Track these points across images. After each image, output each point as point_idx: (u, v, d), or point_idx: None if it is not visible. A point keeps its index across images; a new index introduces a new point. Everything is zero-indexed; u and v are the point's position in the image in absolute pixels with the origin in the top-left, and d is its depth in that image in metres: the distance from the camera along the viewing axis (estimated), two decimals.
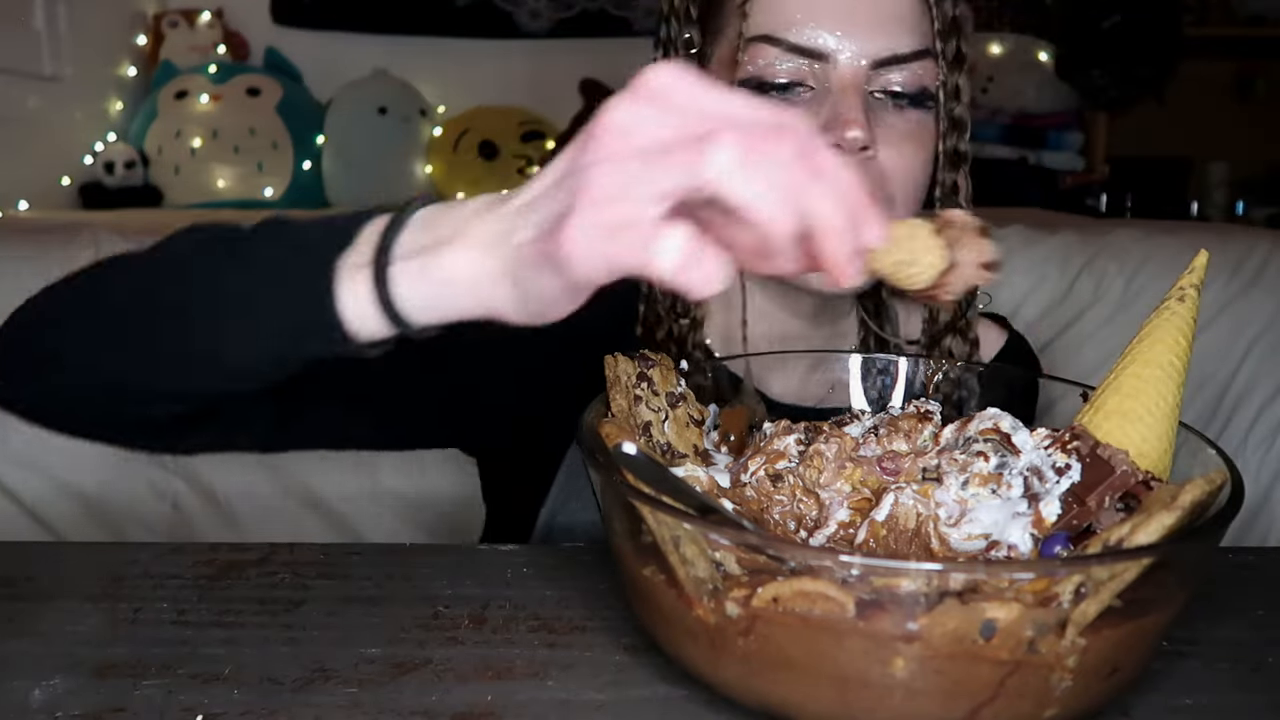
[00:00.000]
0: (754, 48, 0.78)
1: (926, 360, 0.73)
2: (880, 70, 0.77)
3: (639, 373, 0.63)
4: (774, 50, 0.77)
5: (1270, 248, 1.41)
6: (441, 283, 0.50)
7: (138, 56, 3.03)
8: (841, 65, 0.77)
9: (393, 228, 0.52)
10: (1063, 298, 1.41)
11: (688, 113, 0.42)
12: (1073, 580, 0.43)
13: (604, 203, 0.42)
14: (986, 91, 2.94)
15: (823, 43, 0.77)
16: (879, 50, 0.77)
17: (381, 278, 0.51)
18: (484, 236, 0.49)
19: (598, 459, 0.52)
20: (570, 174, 0.44)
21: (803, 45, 0.77)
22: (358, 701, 0.51)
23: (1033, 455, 0.55)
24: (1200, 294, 0.57)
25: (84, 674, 0.53)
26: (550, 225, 0.44)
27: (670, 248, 0.41)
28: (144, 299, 0.62)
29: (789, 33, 0.77)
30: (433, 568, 0.66)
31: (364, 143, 2.84)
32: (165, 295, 0.61)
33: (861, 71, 0.77)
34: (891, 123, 0.79)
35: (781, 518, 0.58)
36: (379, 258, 0.51)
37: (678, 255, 0.41)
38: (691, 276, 0.41)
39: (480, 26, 3.17)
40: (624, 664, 0.54)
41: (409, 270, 0.51)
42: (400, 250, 0.51)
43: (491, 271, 0.48)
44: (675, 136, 0.42)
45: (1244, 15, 3.40)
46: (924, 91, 0.79)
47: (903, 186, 0.79)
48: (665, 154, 0.41)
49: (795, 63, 0.77)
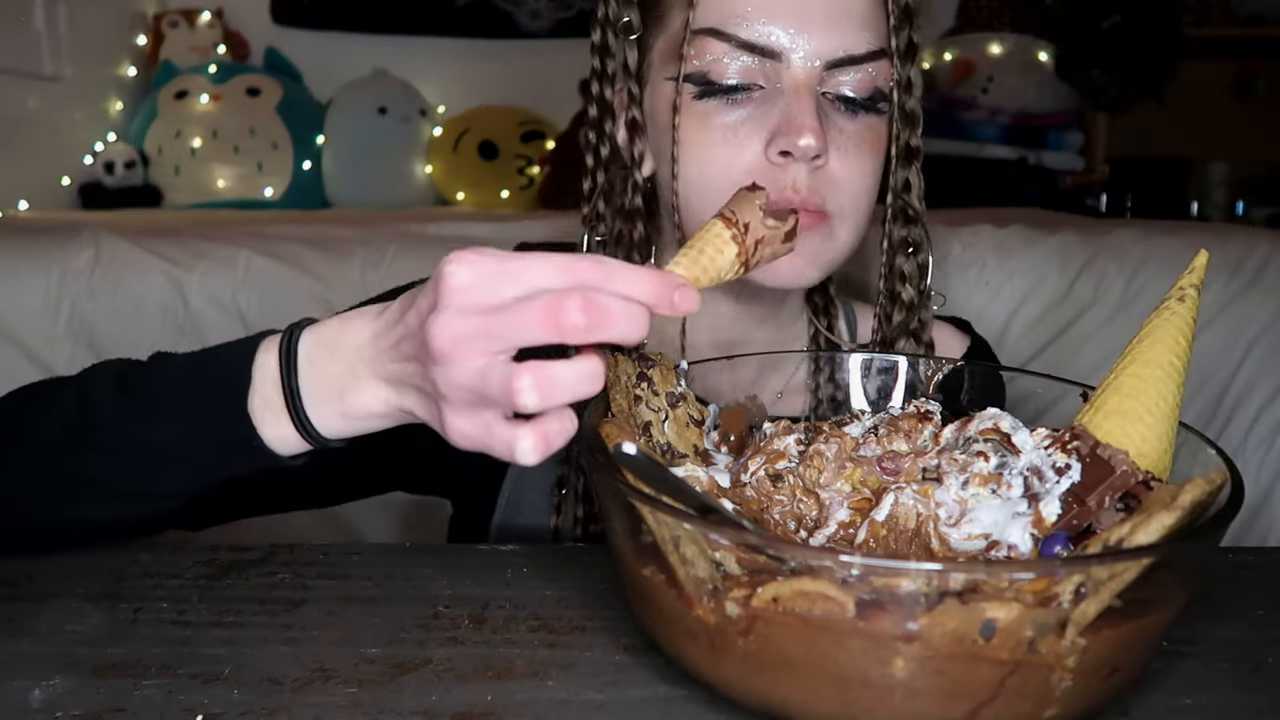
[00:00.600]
0: (700, 41, 0.74)
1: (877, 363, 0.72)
2: (834, 71, 0.74)
3: (639, 373, 0.63)
4: (722, 46, 0.74)
5: (1270, 248, 1.41)
6: (358, 417, 0.59)
7: (138, 56, 3.03)
8: (794, 65, 0.73)
9: (287, 370, 0.59)
10: (1063, 298, 1.41)
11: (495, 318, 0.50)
12: (1073, 580, 0.43)
13: (463, 412, 0.52)
14: (986, 91, 2.94)
15: (775, 40, 0.73)
16: (833, 50, 0.73)
17: (302, 421, 0.59)
18: (374, 382, 0.58)
19: (598, 459, 0.52)
20: (424, 369, 0.53)
21: (753, 42, 0.73)
22: (358, 701, 0.51)
23: (1033, 455, 0.55)
24: (1200, 294, 0.57)
25: (84, 674, 0.53)
26: (430, 410, 0.54)
27: (525, 447, 0.51)
28: (62, 446, 0.64)
29: (739, 28, 0.73)
30: (433, 568, 0.66)
31: (364, 143, 2.84)
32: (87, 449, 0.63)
33: (815, 72, 0.73)
34: (843, 127, 0.76)
35: (781, 518, 0.58)
36: (291, 405, 0.59)
37: (533, 452, 0.51)
38: (550, 449, 0.51)
39: (480, 26, 3.17)
40: (624, 664, 0.54)
41: (326, 414, 0.59)
42: (308, 396, 0.59)
43: (392, 408, 0.58)
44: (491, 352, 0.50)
45: (1244, 15, 3.40)
46: (877, 94, 0.76)
47: (851, 194, 0.76)
48: (487, 381, 0.50)
49: (745, 60, 0.74)
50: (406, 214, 2.45)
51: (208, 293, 1.39)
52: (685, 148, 0.76)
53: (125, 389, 0.64)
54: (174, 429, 0.61)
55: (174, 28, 3.02)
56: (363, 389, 0.58)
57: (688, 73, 0.75)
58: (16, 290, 1.37)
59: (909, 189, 0.82)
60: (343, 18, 3.16)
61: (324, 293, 1.39)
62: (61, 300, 1.37)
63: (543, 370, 0.49)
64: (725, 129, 0.75)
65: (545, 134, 2.92)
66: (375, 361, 0.57)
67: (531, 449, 0.50)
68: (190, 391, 0.62)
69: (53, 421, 0.64)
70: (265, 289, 1.39)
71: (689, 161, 0.76)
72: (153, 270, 1.39)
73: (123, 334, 1.37)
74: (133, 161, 2.72)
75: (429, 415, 0.55)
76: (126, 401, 0.63)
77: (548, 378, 0.49)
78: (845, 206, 0.76)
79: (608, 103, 0.83)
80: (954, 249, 1.41)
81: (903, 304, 0.85)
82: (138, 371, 0.65)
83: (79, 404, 0.64)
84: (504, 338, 0.49)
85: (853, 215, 0.77)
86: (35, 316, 1.36)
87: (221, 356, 0.62)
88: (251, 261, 1.40)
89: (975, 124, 2.93)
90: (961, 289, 1.40)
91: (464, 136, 2.88)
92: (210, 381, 0.61)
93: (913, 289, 0.85)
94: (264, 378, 0.60)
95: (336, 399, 0.59)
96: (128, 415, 0.62)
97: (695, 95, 0.75)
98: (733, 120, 0.75)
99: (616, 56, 0.81)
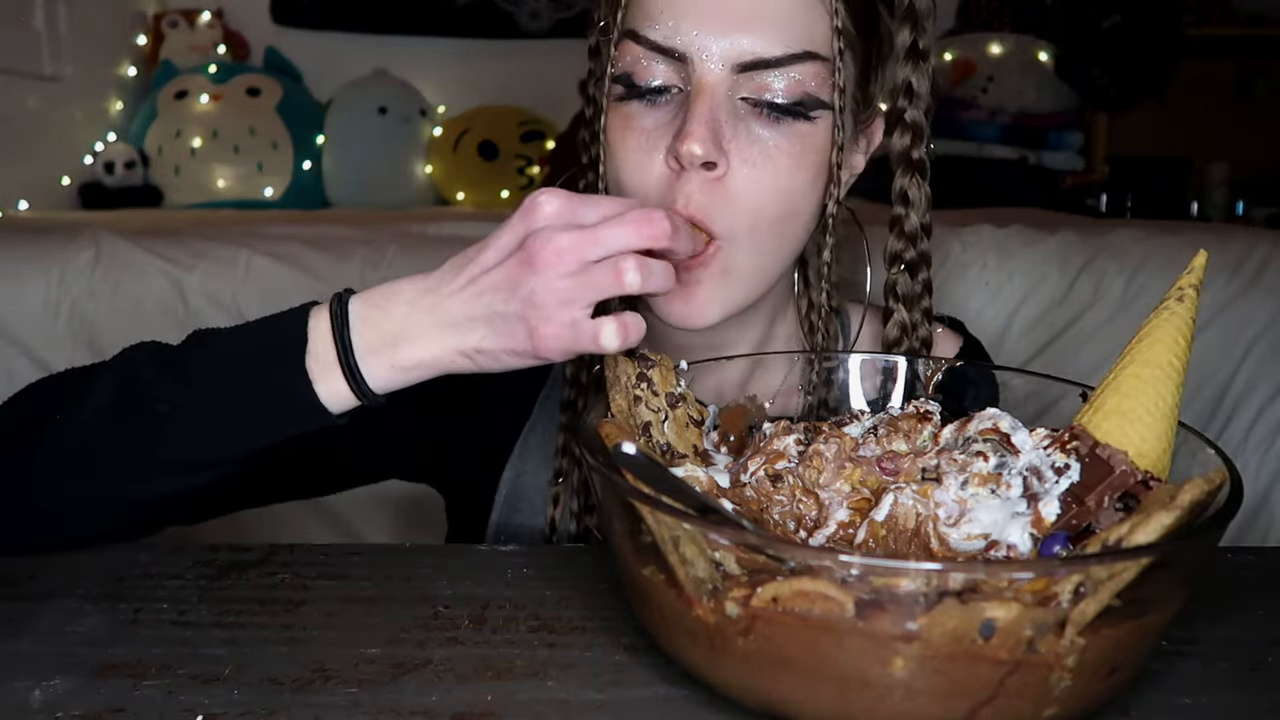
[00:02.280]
0: (624, 44, 0.73)
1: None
2: (750, 74, 0.70)
3: (639, 373, 0.63)
4: (638, 48, 0.72)
5: (1270, 248, 1.41)
6: (407, 369, 0.64)
7: (138, 56, 3.03)
8: (699, 68, 0.70)
9: (339, 326, 0.64)
10: (1063, 298, 1.40)
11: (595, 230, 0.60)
12: (1072, 580, 0.43)
13: (554, 314, 0.60)
14: (986, 91, 2.94)
15: (680, 42, 0.70)
16: (742, 53, 0.69)
17: (354, 374, 0.64)
18: (432, 330, 0.63)
19: (598, 459, 0.52)
20: (514, 290, 0.60)
21: (662, 44, 0.71)
22: (358, 701, 0.51)
23: (1032, 455, 0.55)
24: (1199, 294, 0.57)
25: (84, 674, 0.53)
26: (510, 330, 0.61)
27: (609, 332, 0.60)
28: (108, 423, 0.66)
29: (650, 29, 0.71)
30: (433, 568, 0.66)
31: (364, 143, 2.84)
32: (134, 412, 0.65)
33: (723, 76, 0.69)
34: (758, 135, 0.70)
35: (781, 518, 0.58)
36: (344, 358, 0.63)
37: (615, 337, 0.60)
38: (628, 339, 0.60)
39: (480, 26, 3.17)
40: (624, 664, 0.54)
41: (376, 365, 0.64)
42: (360, 349, 0.64)
43: (450, 353, 0.63)
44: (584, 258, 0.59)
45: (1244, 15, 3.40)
46: (807, 100, 0.70)
47: (756, 205, 0.71)
48: (589, 280, 0.59)
49: (659, 63, 0.71)
50: (406, 214, 2.45)
51: (208, 293, 1.39)
52: (610, 150, 0.75)
53: (169, 362, 0.66)
54: (227, 394, 0.65)
55: (174, 28, 3.02)
56: (415, 339, 0.63)
57: (616, 74, 0.74)
58: (16, 290, 1.37)
59: (906, 201, 0.79)
60: (343, 18, 3.16)
61: (324, 293, 1.37)
62: (61, 300, 1.37)
63: (639, 258, 0.59)
64: (642, 133, 0.73)
65: (545, 134, 2.92)
66: (435, 309, 0.63)
67: (614, 333, 0.59)
68: (243, 356, 0.65)
69: (94, 401, 0.66)
70: (265, 289, 1.39)
71: (613, 164, 0.75)
72: (153, 270, 1.39)
73: (123, 334, 1.37)
74: (133, 161, 2.72)
75: (503, 339, 0.61)
76: (172, 373, 0.65)
77: (644, 263, 0.60)
78: (738, 228, 0.71)
79: (599, 104, 0.83)
80: (954, 249, 1.41)
81: (895, 324, 0.81)
82: (177, 348, 0.68)
83: (121, 382, 0.66)
84: (604, 244, 0.59)
85: (749, 236, 0.71)
86: (35, 316, 1.36)
87: (273, 323, 0.66)
88: (251, 261, 1.40)
89: (975, 124, 2.93)
90: (961, 289, 1.40)
91: (464, 136, 2.89)
92: (264, 345, 0.65)
93: (906, 311, 0.81)
94: (317, 337, 0.64)
95: (388, 350, 0.64)
96: (176, 385, 0.65)
97: (619, 97, 0.74)
98: (649, 124, 0.72)
99: (596, 57, 0.81)
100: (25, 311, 1.36)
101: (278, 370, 0.64)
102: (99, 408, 0.65)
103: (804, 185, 0.73)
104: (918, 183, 0.79)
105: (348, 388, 0.64)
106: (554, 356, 0.61)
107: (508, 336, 0.61)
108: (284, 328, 0.65)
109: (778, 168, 0.71)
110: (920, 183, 0.79)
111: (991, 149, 2.91)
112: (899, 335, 0.81)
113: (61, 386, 0.70)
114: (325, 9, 3.16)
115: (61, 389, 0.69)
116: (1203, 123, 3.37)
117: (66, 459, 0.66)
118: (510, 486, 0.88)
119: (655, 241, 0.59)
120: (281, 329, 0.65)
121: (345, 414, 0.66)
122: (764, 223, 0.72)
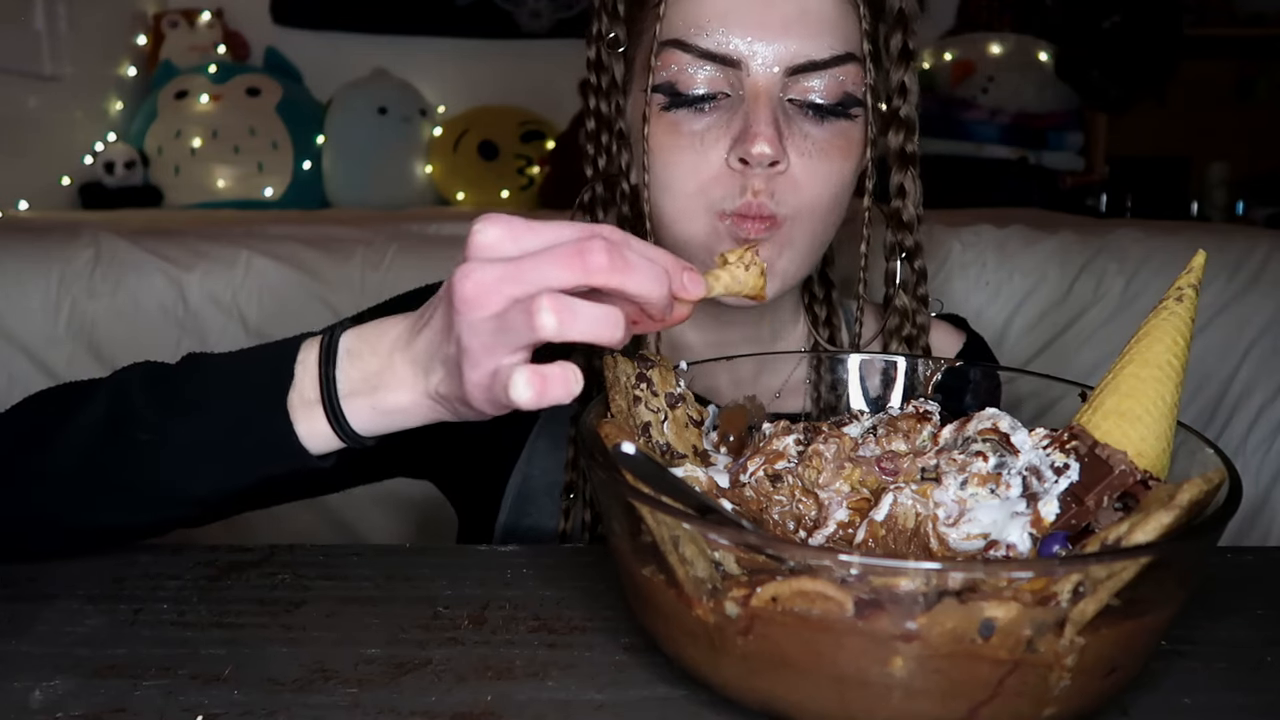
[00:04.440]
0: (666, 53, 0.75)
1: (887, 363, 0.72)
2: (797, 77, 0.74)
3: (638, 373, 0.63)
4: (685, 56, 0.74)
5: (1270, 248, 1.41)
6: (387, 413, 0.61)
7: (138, 56, 3.03)
8: (754, 72, 0.73)
9: (326, 362, 0.61)
10: (1063, 298, 1.40)
11: (520, 262, 0.52)
12: (1071, 579, 0.43)
13: (480, 360, 0.53)
14: (986, 91, 2.94)
15: (734, 48, 0.73)
16: (794, 56, 0.73)
17: (336, 414, 0.61)
18: (409, 376, 0.59)
19: (597, 459, 0.52)
20: (448, 331, 0.55)
21: (713, 51, 0.73)
22: (358, 701, 0.51)
23: (1031, 455, 0.55)
24: (1198, 294, 0.57)
25: (84, 674, 0.53)
26: (452, 374, 0.56)
27: (520, 383, 0.51)
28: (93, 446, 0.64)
29: (700, 38, 0.74)
30: (433, 568, 0.66)
31: (364, 143, 2.84)
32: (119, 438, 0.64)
33: (776, 79, 0.73)
34: (809, 133, 0.75)
35: (781, 518, 0.58)
36: (326, 397, 0.60)
37: (527, 388, 0.51)
38: (546, 395, 0.51)
39: (480, 26, 3.17)
40: (624, 664, 0.54)
41: (359, 407, 0.61)
42: (344, 389, 0.61)
43: (422, 399, 0.60)
44: (514, 297, 0.51)
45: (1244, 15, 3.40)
46: (846, 99, 0.75)
47: (814, 200, 0.76)
48: (506, 322, 0.51)
49: (708, 70, 0.74)
50: (406, 214, 2.45)
51: (208, 293, 1.39)
52: (654, 155, 0.77)
53: (159, 388, 0.65)
54: (209, 425, 0.62)
55: (174, 28, 3.02)
56: (395, 380, 0.60)
57: (657, 84, 0.76)
58: (16, 290, 1.37)
59: (903, 194, 0.82)
60: (343, 18, 3.17)
61: (324, 293, 1.39)
62: (61, 300, 1.37)
63: (561, 299, 0.50)
64: (692, 136, 0.75)
65: (545, 134, 2.92)
66: (408, 347, 0.59)
67: (525, 384, 0.51)
68: (229, 387, 0.63)
69: (83, 422, 0.65)
70: (265, 289, 1.39)
71: (657, 167, 0.77)
72: (153, 270, 1.38)
73: (123, 334, 1.37)
74: (133, 161, 2.72)
75: (451, 386, 0.56)
76: (161, 399, 0.64)
77: (566, 305, 0.50)
78: (800, 208, 0.75)
79: (604, 115, 0.83)
80: (954, 249, 1.41)
81: (896, 310, 0.84)
82: (170, 372, 0.66)
83: (111, 404, 0.65)
84: (528, 280, 0.51)
85: (808, 218, 0.76)
86: (35, 316, 1.36)
87: (263, 354, 0.64)
88: (251, 261, 1.40)
89: (975, 124, 2.93)
90: (961, 289, 1.40)
91: (464, 136, 2.89)
92: (250, 377, 0.63)
93: (906, 295, 0.84)
94: (304, 373, 0.61)
95: (370, 392, 0.60)
96: (162, 413, 0.63)
97: (664, 106, 0.76)
98: (699, 128, 0.75)
99: (607, 70, 0.82)
100: (25, 311, 1.36)
101: (256, 405, 0.62)
102: (90, 429, 0.64)
103: (850, 177, 0.78)
104: (912, 176, 0.82)
105: (330, 430, 0.61)
106: (483, 409, 0.56)
107: (454, 382, 0.56)
108: (272, 360, 0.62)
109: (831, 161, 0.76)
110: (914, 175, 0.82)
111: (991, 149, 2.91)
112: (899, 322, 0.84)
113: (60, 401, 0.69)
114: (325, 9, 3.16)
115: (60, 403, 0.68)
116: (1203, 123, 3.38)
117: (60, 478, 0.65)
118: (517, 491, 0.88)
119: (587, 277, 0.50)
120: (269, 362, 0.63)
121: (330, 455, 0.63)
122: (821, 207, 0.77)
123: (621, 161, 0.83)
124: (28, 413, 0.70)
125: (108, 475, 0.64)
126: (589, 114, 0.84)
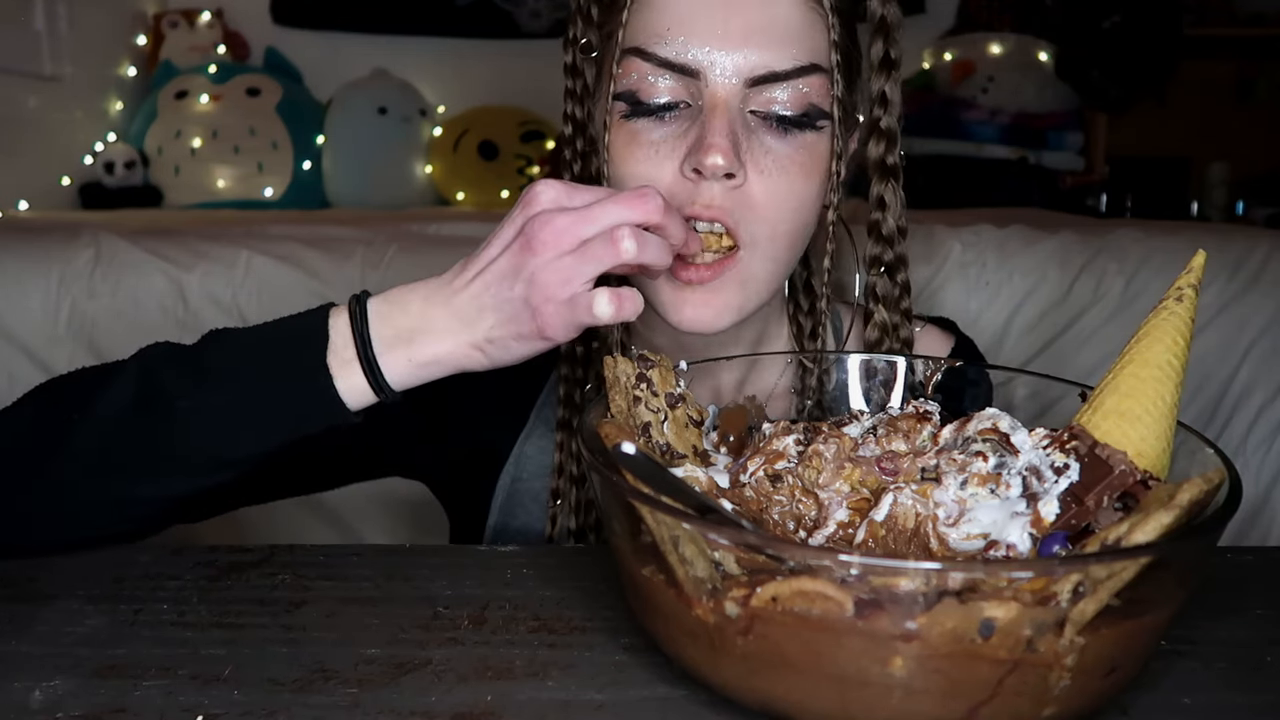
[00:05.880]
0: (627, 61, 0.74)
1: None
2: (759, 88, 0.71)
3: (638, 374, 0.63)
4: (645, 65, 0.73)
5: (1270, 248, 1.41)
6: (424, 364, 0.67)
7: (138, 56, 3.03)
8: (713, 83, 0.71)
9: (361, 320, 0.66)
10: (1063, 298, 1.40)
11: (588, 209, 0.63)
12: (1071, 579, 0.43)
13: (556, 291, 0.63)
14: (986, 91, 2.94)
15: (692, 58, 0.71)
16: (754, 67, 0.71)
17: (373, 368, 0.66)
18: (448, 324, 0.66)
19: (597, 459, 0.52)
20: (517, 275, 0.64)
21: (672, 60, 0.72)
22: (358, 701, 0.51)
23: (1031, 455, 0.55)
24: (1198, 294, 0.57)
25: (84, 674, 0.53)
26: (516, 313, 0.64)
27: (603, 301, 0.63)
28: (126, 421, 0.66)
29: (659, 46, 0.72)
30: (433, 568, 0.66)
31: (364, 143, 2.84)
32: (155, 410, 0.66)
33: (736, 90, 0.71)
34: (770, 147, 0.72)
35: (781, 518, 0.58)
36: (363, 353, 0.66)
37: (609, 305, 0.63)
38: (623, 310, 0.64)
39: (480, 26, 3.17)
40: (624, 664, 0.54)
41: (395, 359, 0.66)
42: (378, 345, 0.66)
43: (463, 346, 0.66)
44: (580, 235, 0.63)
45: (1244, 15, 3.40)
46: (812, 110, 0.73)
47: (775, 215, 0.73)
48: (587, 254, 0.63)
49: (668, 79, 0.72)
50: (406, 214, 2.45)
51: (208, 292, 1.39)
52: (614, 164, 0.76)
53: (188, 361, 0.67)
54: (246, 390, 0.66)
55: (174, 28, 3.02)
56: (430, 333, 0.66)
57: (618, 92, 0.74)
58: (16, 290, 1.37)
59: (884, 206, 0.80)
60: (343, 18, 3.17)
61: (324, 293, 1.39)
62: (61, 300, 1.37)
63: (635, 230, 0.62)
64: (650, 145, 0.74)
65: (545, 134, 2.92)
66: (448, 303, 0.65)
67: (606, 303, 0.63)
68: (264, 353, 0.67)
69: (113, 400, 0.66)
70: (265, 289, 1.39)
71: (617, 176, 0.76)
72: (153, 270, 1.39)
73: (123, 334, 1.37)
74: (133, 161, 2.72)
75: (510, 324, 0.64)
76: (192, 371, 0.66)
77: (639, 234, 0.63)
78: (759, 235, 0.73)
79: (578, 120, 0.83)
80: (954, 249, 1.41)
81: (876, 325, 0.82)
82: (193, 347, 0.69)
83: (140, 381, 0.67)
84: (599, 221, 0.63)
85: (768, 245, 0.74)
86: (35, 316, 1.36)
87: (292, 321, 0.68)
88: (251, 261, 1.40)
89: (975, 124, 2.93)
90: (961, 289, 1.40)
91: (464, 136, 2.89)
92: (285, 342, 0.67)
93: (888, 310, 0.82)
94: (337, 333, 0.66)
95: (405, 345, 0.66)
96: (196, 383, 0.66)
97: (625, 114, 0.74)
98: (657, 137, 0.74)
99: (580, 75, 0.82)
100: (25, 311, 1.36)
101: (299, 365, 0.65)
102: (119, 406, 0.66)
103: (814, 193, 0.75)
104: (893, 187, 0.80)
105: (366, 383, 0.66)
106: (558, 334, 0.64)
107: (514, 321, 0.64)
108: (305, 325, 0.67)
109: (792, 178, 0.73)
110: (895, 187, 0.81)
111: (991, 149, 2.91)
112: (879, 336, 0.83)
113: (77, 387, 0.69)
114: (325, 9, 3.17)
115: (77, 389, 0.69)
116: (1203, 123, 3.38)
117: (84, 458, 0.66)
118: (506, 493, 0.89)
119: (648, 216, 0.63)
120: (302, 326, 0.67)
121: (361, 411, 0.67)
122: (781, 231, 0.74)
123: (593, 168, 0.82)
124: (38, 402, 0.70)
125: (145, 447, 0.66)
126: (565, 119, 0.84)
